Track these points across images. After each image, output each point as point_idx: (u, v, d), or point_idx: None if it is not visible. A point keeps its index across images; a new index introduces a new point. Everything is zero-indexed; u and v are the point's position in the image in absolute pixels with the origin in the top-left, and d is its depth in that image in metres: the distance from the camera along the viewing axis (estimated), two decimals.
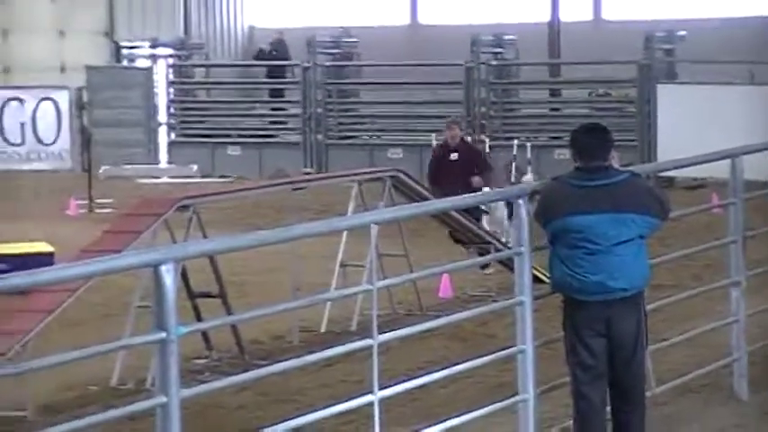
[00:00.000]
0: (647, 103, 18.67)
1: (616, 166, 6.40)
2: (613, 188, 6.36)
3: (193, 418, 6.71)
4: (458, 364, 6.73)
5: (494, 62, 20.25)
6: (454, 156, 13.34)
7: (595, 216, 6.30)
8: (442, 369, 6.76)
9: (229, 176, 19.82)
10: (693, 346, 8.20)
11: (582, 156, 6.34)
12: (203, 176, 21.02)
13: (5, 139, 21.34)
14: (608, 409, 6.30)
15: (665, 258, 7.81)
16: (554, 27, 22.43)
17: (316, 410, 5.98)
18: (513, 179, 15.92)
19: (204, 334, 9.12)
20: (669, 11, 23.90)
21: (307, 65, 20.72)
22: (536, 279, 6.59)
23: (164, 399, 4.85)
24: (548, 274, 6.47)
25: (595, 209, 6.30)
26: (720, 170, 8.34)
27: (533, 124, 20.91)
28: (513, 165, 16.74)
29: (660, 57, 20.09)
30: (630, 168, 7.05)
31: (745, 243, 7.61)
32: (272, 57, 23.57)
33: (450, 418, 6.45)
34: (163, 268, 4.88)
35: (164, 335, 4.87)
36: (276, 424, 5.59)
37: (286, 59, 23.40)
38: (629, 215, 6.30)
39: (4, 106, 21.29)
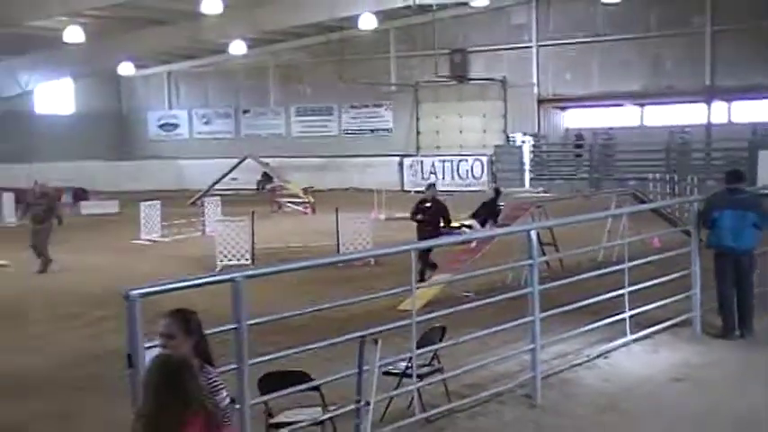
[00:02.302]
0: (755, 161, 29.01)
1: (743, 188, 10.67)
2: (743, 198, 10.58)
3: None
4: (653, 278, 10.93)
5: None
6: (428, 205, 16.14)
7: (733, 211, 10.55)
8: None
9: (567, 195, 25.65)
10: None
11: (728, 181, 10.68)
12: (545, 192, 33.46)
13: (461, 178, 38.20)
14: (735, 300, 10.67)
15: None
16: (709, 129, 35.13)
17: None
18: None
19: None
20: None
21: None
22: None
23: (530, 288, 8.53)
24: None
25: (733, 208, 10.56)
26: None
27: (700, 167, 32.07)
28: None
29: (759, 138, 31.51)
30: (748, 189, 11.38)
31: None
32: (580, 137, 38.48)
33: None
34: (532, 232, 8.74)
35: (531, 261, 8.59)
36: None
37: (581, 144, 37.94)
38: (748, 212, 10.57)
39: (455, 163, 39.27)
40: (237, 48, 41.18)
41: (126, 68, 45.05)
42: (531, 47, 38.94)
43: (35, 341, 12.59)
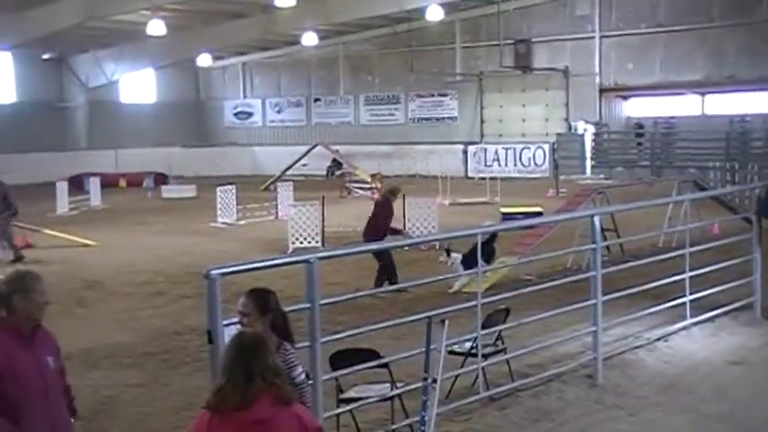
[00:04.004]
0: None
1: None
2: None
3: None
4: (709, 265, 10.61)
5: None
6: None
7: None
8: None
9: (628, 182, 26.01)
10: None
11: None
12: (606, 179, 32.81)
13: (524, 165, 37.37)
14: None
15: None
16: None
17: None
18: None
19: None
20: None
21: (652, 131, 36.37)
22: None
23: (594, 273, 8.39)
24: None
25: None
26: None
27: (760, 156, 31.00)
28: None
29: None
30: None
31: None
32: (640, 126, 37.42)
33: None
34: (595, 218, 8.57)
35: (594, 245, 8.53)
36: None
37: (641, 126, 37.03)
38: None
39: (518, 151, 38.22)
40: (309, 39, 41.38)
41: (204, 59, 45.64)
42: (593, 37, 38.39)
43: (124, 316, 12.88)
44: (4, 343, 4.55)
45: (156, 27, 35.43)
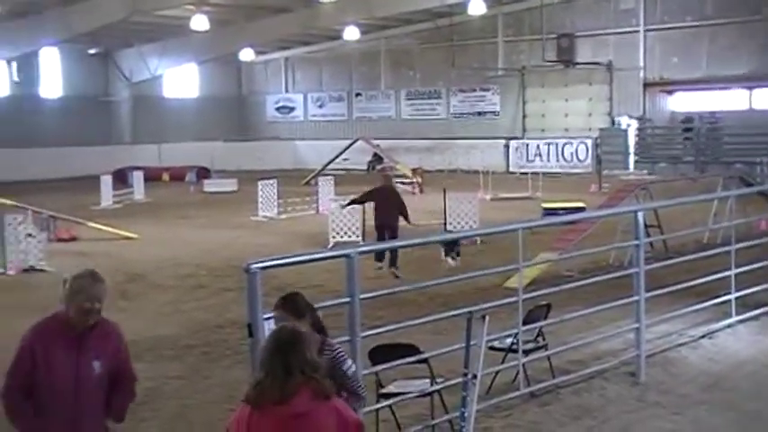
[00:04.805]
0: None
1: None
2: None
3: None
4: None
5: None
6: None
7: None
8: None
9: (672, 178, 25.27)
10: None
11: None
12: (649, 175, 32.56)
13: (566, 161, 37.60)
14: None
15: None
16: None
17: None
18: None
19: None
20: None
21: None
22: None
23: (637, 269, 8.18)
24: None
25: None
26: None
27: None
28: None
29: None
30: None
31: None
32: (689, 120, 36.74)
33: None
34: (639, 214, 8.49)
35: (637, 242, 8.47)
36: None
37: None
38: None
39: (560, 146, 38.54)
40: (351, 34, 41.40)
41: (246, 54, 45.88)
42: (638, 31, 37.91)
43: (166, 309, 13.03)
44: (49, 335, 4.60)
45: (200, 22, 35.69)
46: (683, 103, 38.28)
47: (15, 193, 22.82)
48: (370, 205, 16.72)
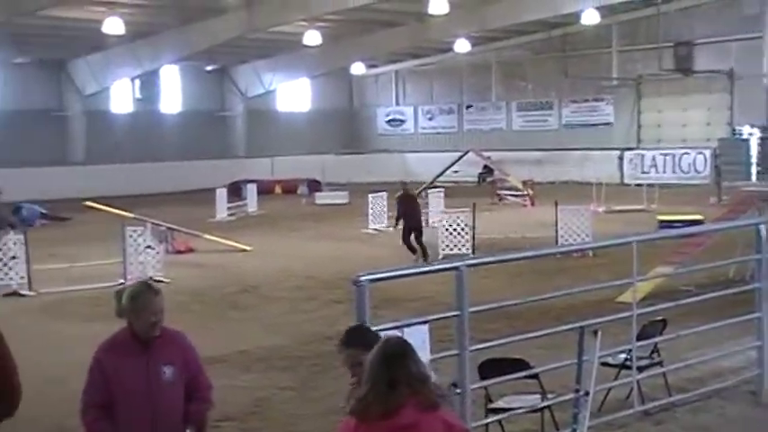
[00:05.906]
0: None
1: None
2: None
3: None
4: None
5: None
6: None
7: None
8: None
9: None
10: None
11: None
12: None
13: (683, 172, 37.10)
14: None
15: None
16: None
17: None
18: None
19: None
20: None
21: None
22: None
23: (759, 284, 7.75)
24: None
25: None
26: None
27: None
28: None
29: None
30: None
31: None
32: None
33: None
34: (761, 226, 8.18)
35: (760, 256, 8.15)
36: None
37: None
38: None
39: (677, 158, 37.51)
40: (462, 46, 41.38)
41: (357, 68, 46.44)
42: (761, 37, 36.57)
43: (278, 320, 13.22)
44: (116, 348, 4.75)
45: (313, 37, 36.33)
46: None
47: (136, 205, 23.57)
48: (482, 217, 16.64)
